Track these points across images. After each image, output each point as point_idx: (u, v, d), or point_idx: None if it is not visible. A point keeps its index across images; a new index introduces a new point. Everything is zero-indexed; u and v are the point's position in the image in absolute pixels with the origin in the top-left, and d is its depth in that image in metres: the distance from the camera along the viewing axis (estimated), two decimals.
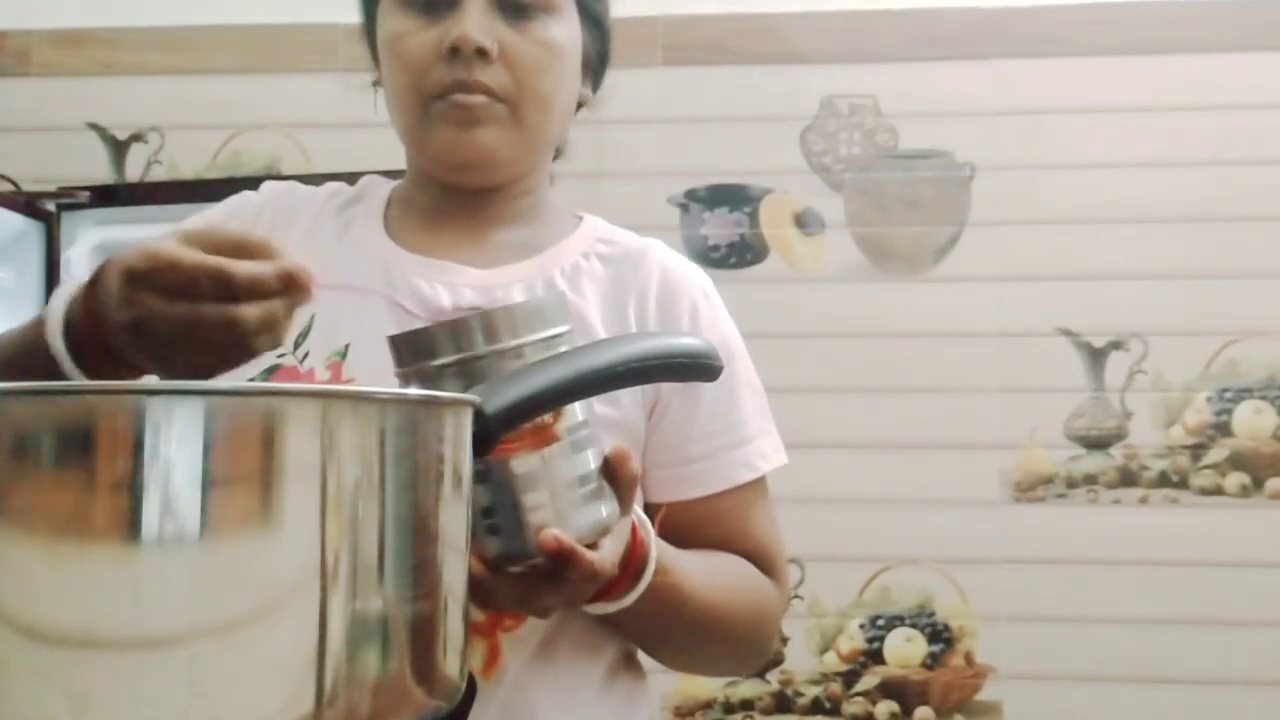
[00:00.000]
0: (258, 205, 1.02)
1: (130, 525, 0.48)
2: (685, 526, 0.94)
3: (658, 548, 0.84)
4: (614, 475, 0.76)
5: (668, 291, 0.99)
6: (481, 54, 0.92)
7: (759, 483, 0.99)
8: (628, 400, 0.93)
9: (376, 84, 1.03)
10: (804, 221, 2.00)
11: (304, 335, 0.95)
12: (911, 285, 1.97)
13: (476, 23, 0.92)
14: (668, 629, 0.91)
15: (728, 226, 2.00)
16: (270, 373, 0.93)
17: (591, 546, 0.75)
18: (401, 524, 0.54)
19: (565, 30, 0.97)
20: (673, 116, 2.01)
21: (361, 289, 0.96)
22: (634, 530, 0.81)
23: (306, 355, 0.94)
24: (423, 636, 0.55)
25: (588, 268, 0.99)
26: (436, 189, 1.00)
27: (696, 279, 1.02)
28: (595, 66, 1.03)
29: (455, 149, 0.94)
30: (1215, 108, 1.95)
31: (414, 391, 0.57)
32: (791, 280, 1.99)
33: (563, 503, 0.74)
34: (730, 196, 2.01)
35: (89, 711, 0.48)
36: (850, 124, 2.00)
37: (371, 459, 0.53)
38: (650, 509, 0.95)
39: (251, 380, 0.91)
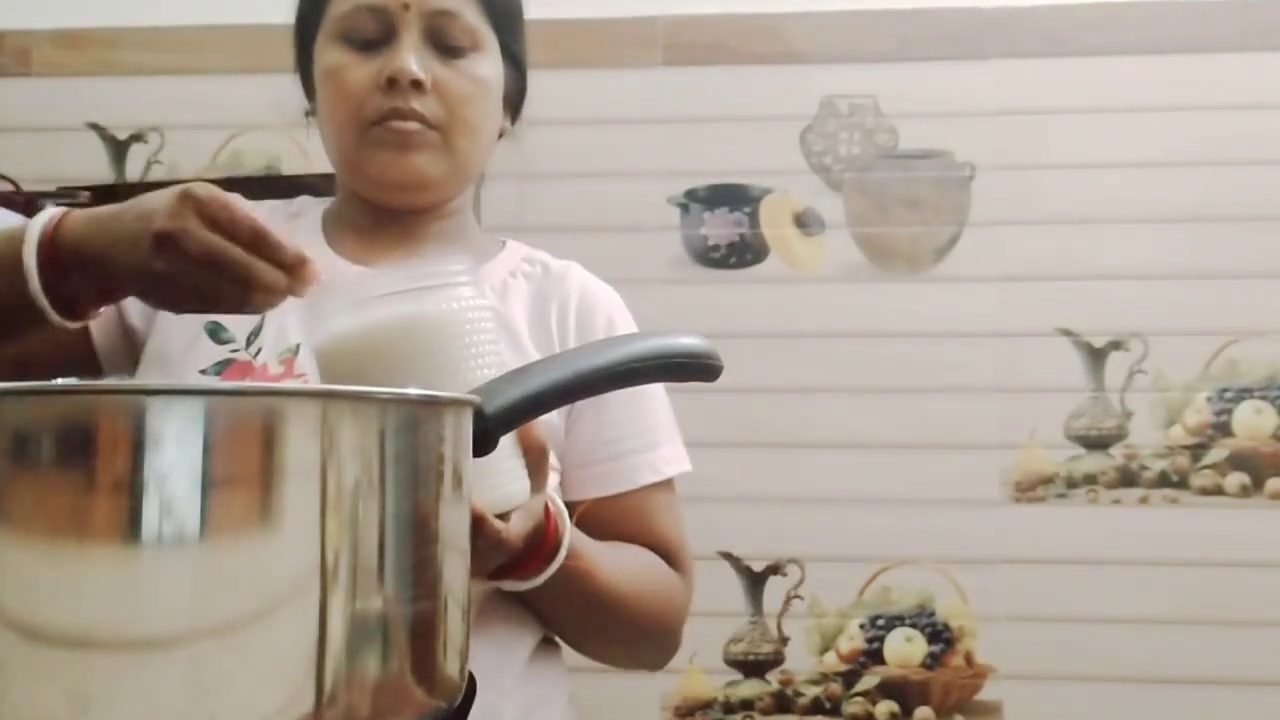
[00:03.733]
0: None
1: (130, 525, 0.48)
2: (596, 522, 0.99)
3: (572, 534, 0.90)
4: (522, 443, 0.80)
5: (586, 304, 1.08)
6: (416, 85, 1.00)
7: (665, 485, 1.07)
8: None
9: (309, 114, 1.12)
10: (804, 221, 2.00)
11: (255, 333, 1.02)
12: (911, 285, 1.97)
13: (412, 57, 1.01)
14: (578, 611, 0.98)
15: (728, 226, 2.00)
16: (224, 366, 1.00)
17: (502, 519, 0.78)
18: (401, 524, 0.54)
19: (490, 67, 1.06)
20: (673, 116, 2.01)
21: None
22: (549, 515, 0.86)
23: (259, 351, 1.01)
24: (423, 636, 0.55)
25: (514, 285, 1.08)
26: (367, 210, 1.08)
27: (612, 297, 1.11)
28: (514, 101, 1.13)
29: (391, 171, 1.02)
30: (1215, 108, 1.95)
31: (414, 391, 0.57)
32: (791, 280, 1.99)
33: (477, 473, 0.75)
34: (730, 196, 2.01)
35: (89, 711, 0.48)
36: (850, 124, 2.00)
37: (371, 459, 0.53)
38: (569, 506, 0.99)
39: (204, 372, 0.99)
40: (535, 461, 0.81)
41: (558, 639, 1.06)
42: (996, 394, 1.95)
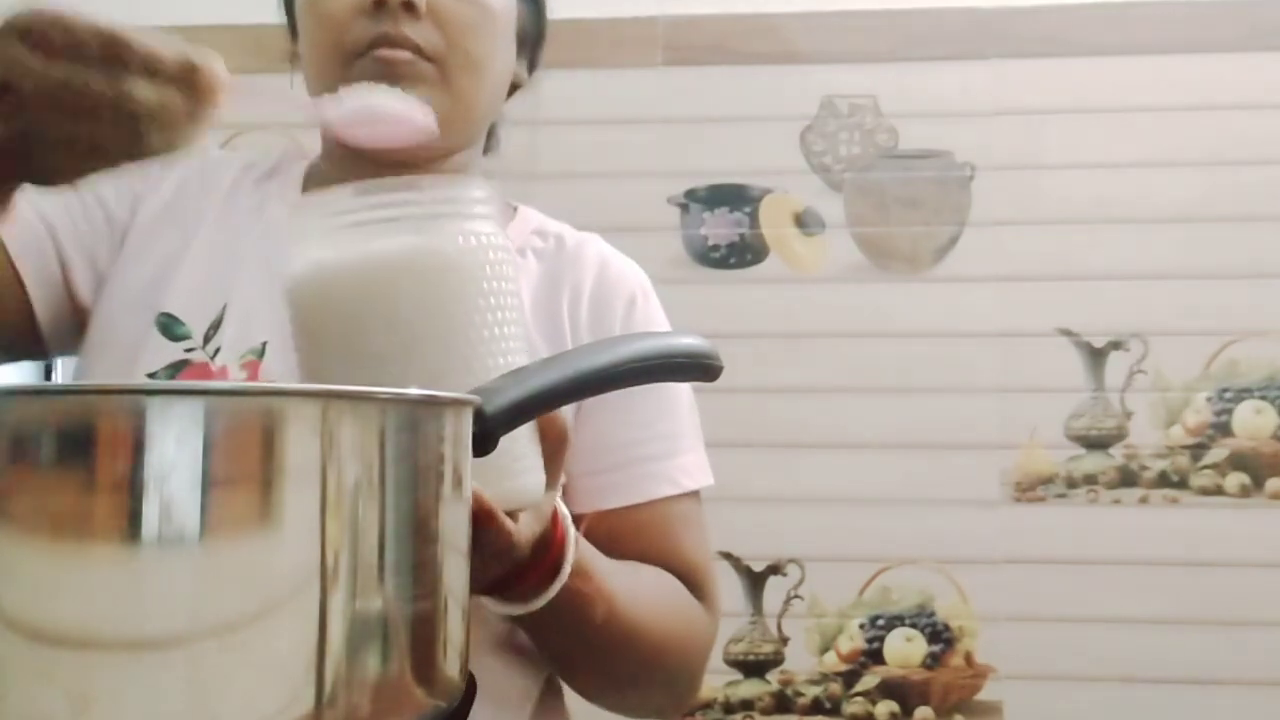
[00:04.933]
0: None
1: (130, 525, 0.48)
2: (606, 537, 0.85)
3: (581, 550, 0.77)
4: (540, 429, 0.70)
5: (604, 288, 0.95)
6: (408, 7, 0.87)
7: (689, 499, 0.93)
8: None
9: (292, 57, 0.97)
10: (804, 221, 2.00)
11: (215, 327, 0.88)
12: (911, 285, 1.97)
13: None
14: (587, 646, 0.83)
15: (728, 226, 2.00)
16: (178, 369, 0.87)
17: (512, 514, 0.68)
18: (401, 524, 0.54)
19: None
20: (673, 116, 2.01)
21: (278, 278, 0.89)
22: (556, 521, 0.74)
23: (218, 351, 0.88)
24: (423, 636, 0.55)
25: (521, 263, 0.93)
26: (356, 164, 0.93)
27: (636, 277, 0.98)
28: (531, 44, 0.98)
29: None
30: (1215, 108, 1.95)
31: (414, 391, 0.56)
32: (791, 280, 1.99)
33: (490, 462, 0.66)
34: (730, 196, 2.01)
35: (89, 711, 0.47)
36: (850, 124, 2.00)
37: (371, 459, 0.53)
38: (581, 520, 0.87)
39: (154, 375, 0.86)
40: (552, 450, 0.70)
41: (561, 686, 0.95)
42: (996, 394, 1.95)
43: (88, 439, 0.49)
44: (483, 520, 0.66)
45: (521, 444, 0.69)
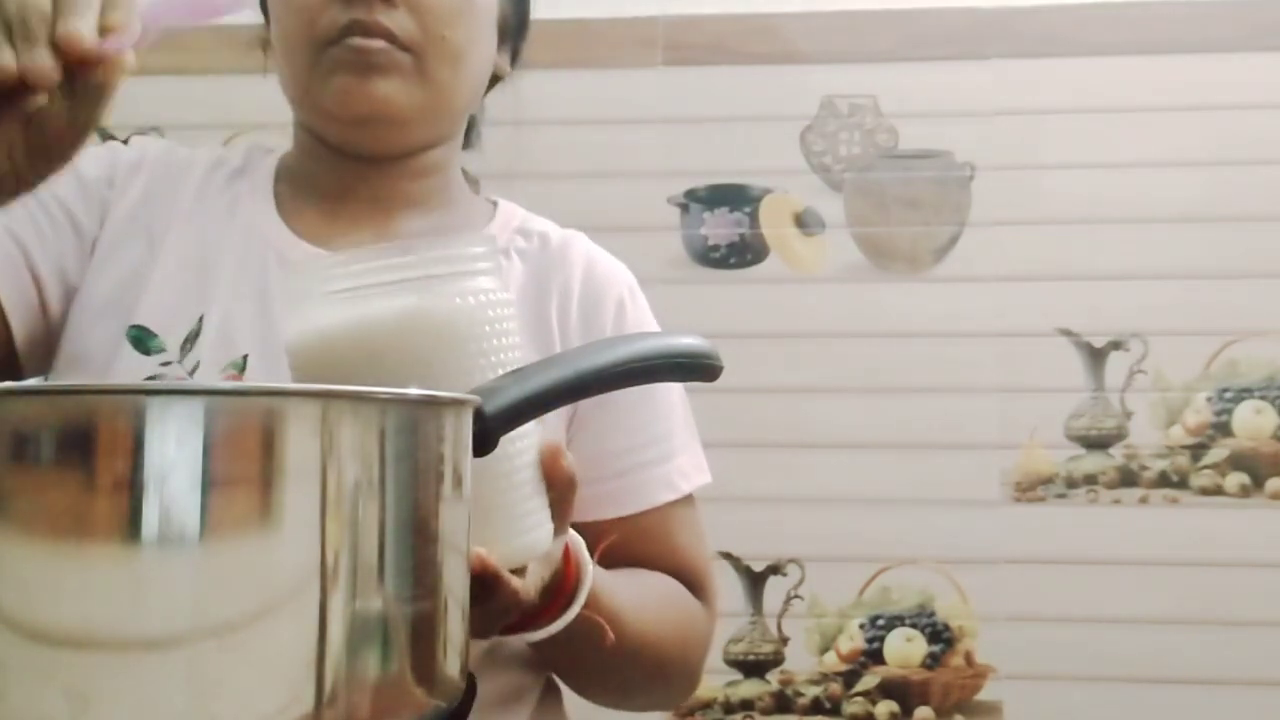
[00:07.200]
0: (133, 161, 0.93)
1: (130, 525, 0.48)
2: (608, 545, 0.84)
3: (594, 578, 0.76)
4: (547, 476, 0.69)
5: (592, 289, 0.93)
6: None
7: (685, 500, 0.93)
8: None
9: (265, 45, 0.94)
10: (804, 221, 2.00)
11: (192, 339, 0.85)
12: (911, 285, 1.97)
13: None
14: (594, 661, 0.84)
15: (728, 226, 2.00)
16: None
17: (519, 569, 0.67)
18: (401, 524, 0.54)
19: None
20: (673, 116, 2.01)
21: (256, 285, 0.87)
22: (568, 556, 0.74)
23: (197, 366, 0.85)
24: (423, 636, 0.55)
25: (505, 264, 0.91)
26: (330, 160, 0.91)
27: (623, 276, 0.97)
28: (513, 35, 0.96)
29: (350, 100, 0.85)
30: (1215, 108, 1.95)
31: (414, 391, 0.56)
32: (791, 280, 1.99)
33: (494, 518, 0.66)
34: (730, 196, 2.01)
35: (89, 711, 0.48)
36: (850, 124, 2.00)
37: (371, 459, 0.53)
38: (582, 529, 0.84)
39: None
40: (560, 497, 0.69)
41: (560, 685, 0.95)
42: (996, 394, 1.95)
43: (88, 439, 0.49)
44: (488, 583, 0.65)
45: (528, 498, 0.68)
